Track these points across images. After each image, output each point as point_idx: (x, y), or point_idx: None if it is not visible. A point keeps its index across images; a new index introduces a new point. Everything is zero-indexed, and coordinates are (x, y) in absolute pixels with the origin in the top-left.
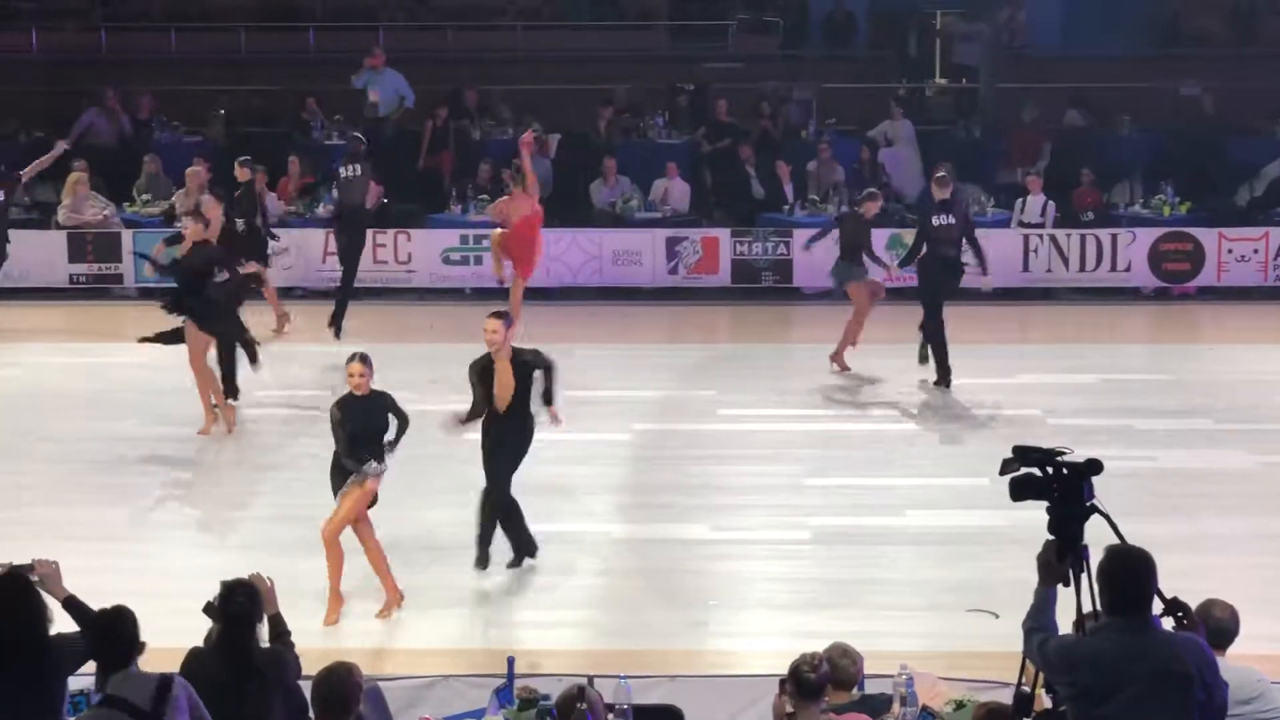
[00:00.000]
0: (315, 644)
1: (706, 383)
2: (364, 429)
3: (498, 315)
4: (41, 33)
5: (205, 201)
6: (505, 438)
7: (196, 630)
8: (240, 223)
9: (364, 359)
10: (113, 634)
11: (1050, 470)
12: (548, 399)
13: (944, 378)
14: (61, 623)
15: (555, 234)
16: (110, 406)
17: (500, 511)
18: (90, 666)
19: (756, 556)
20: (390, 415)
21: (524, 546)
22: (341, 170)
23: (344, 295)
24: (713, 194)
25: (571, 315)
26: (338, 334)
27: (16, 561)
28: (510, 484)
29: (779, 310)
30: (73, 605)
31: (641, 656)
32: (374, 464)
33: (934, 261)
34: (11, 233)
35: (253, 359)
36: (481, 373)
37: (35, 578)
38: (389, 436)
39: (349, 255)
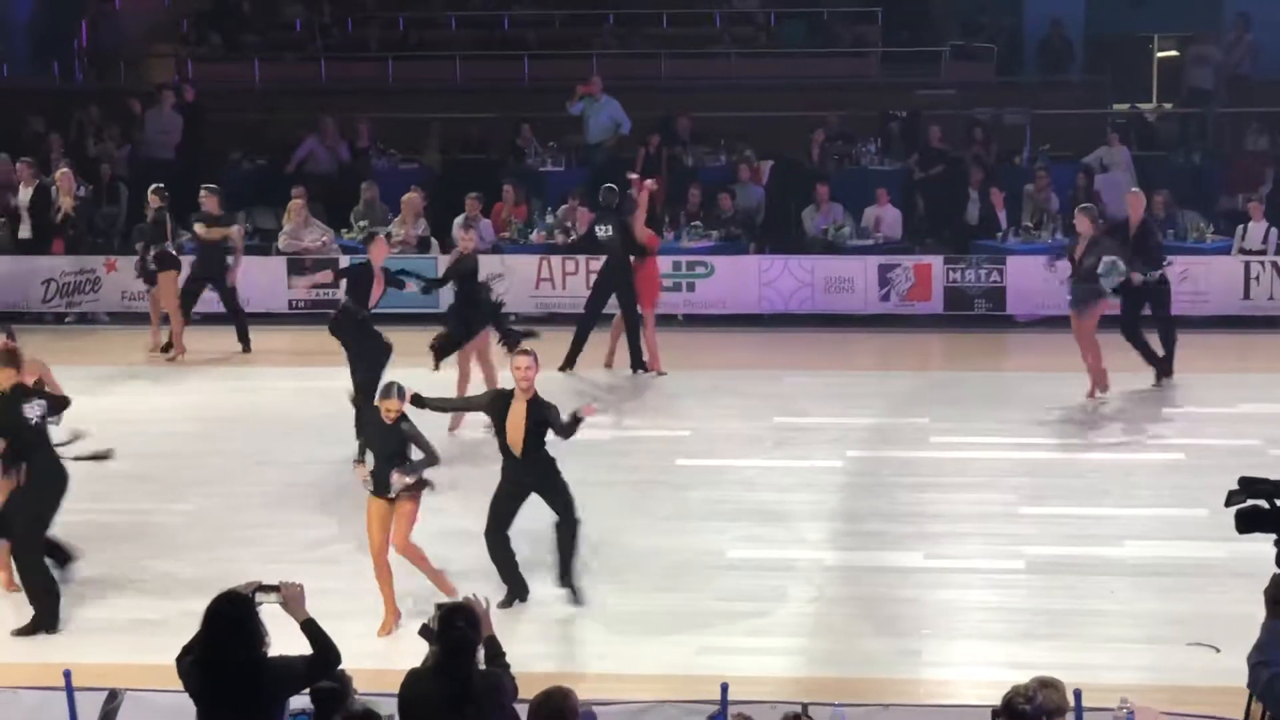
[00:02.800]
0: (530, 668)
1: (919, 410)
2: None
3: (527, 353)
4: (264, 64)
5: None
6: (524, 481)
7: (409, 652)
8: (153, 250)
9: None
10: None
11: (1278, 502)
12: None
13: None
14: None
15: (767, 261)
16: (331, 430)
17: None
18: None
19: (970, 585)
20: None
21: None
22: (598, 230)
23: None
24: (925, 220)
25: (783, 342)
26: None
27: (265, 581)
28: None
29: (992, 338)
30: (310, 629)
31: (855, 684)
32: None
33: None
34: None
35: None
36: (495, 404)
37: (280, 599)
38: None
39: (621, 298)
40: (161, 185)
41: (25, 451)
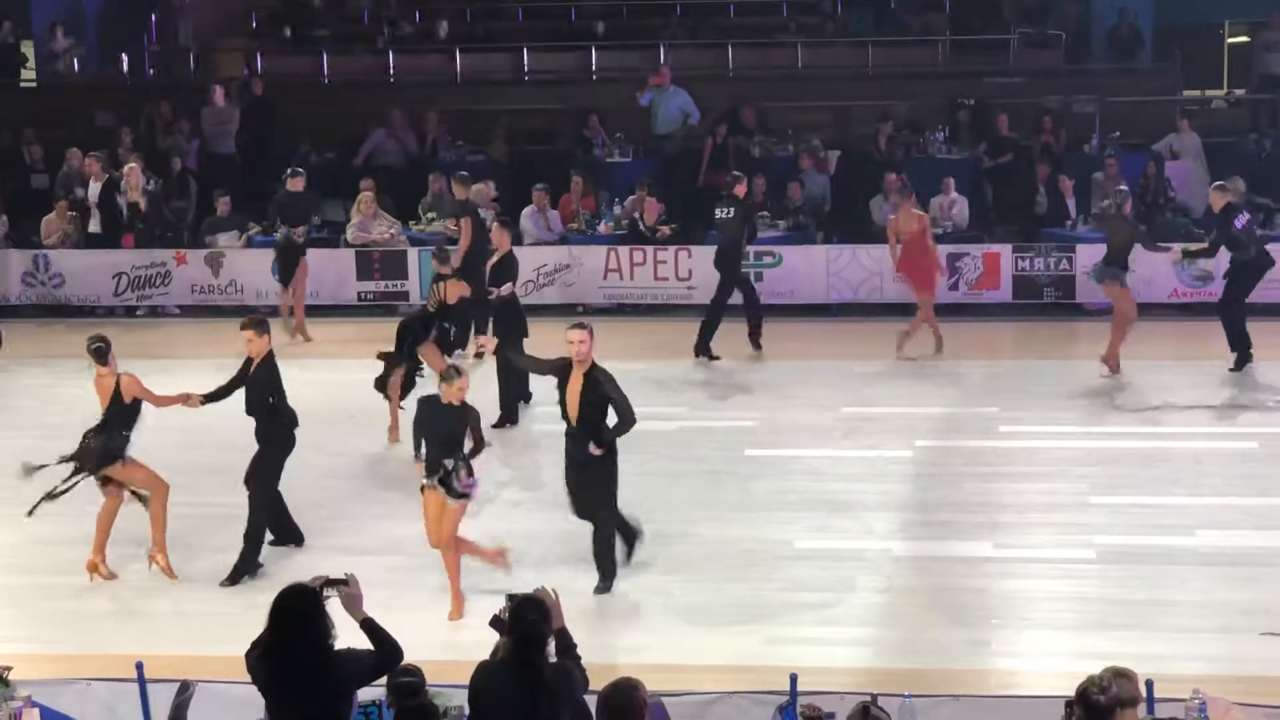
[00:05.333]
0: (600, 659)
1: (988, 399)
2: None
3: (581, 326)
4: (332, 57)
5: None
6: (582, 458)
7: (478, 643)
8: (298, 232)
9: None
10: None
11: None
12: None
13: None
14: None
15: (835, 250)
16: (401, 424)
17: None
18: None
19: (1041, 575)
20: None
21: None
22: (718, 212)
23: (709, 317)
24: (994, 209)
25: (851, 331)
26: (703, 354)
27: (332, 576)
28: (616, 508)
29: (1061, 326)
30: (370, 628)
31: (924, 675)
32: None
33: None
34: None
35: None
36: (558, 370)
37: (339, 594)
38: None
39: (721, 286)
40: (301, 169)
41: (269, 411)
